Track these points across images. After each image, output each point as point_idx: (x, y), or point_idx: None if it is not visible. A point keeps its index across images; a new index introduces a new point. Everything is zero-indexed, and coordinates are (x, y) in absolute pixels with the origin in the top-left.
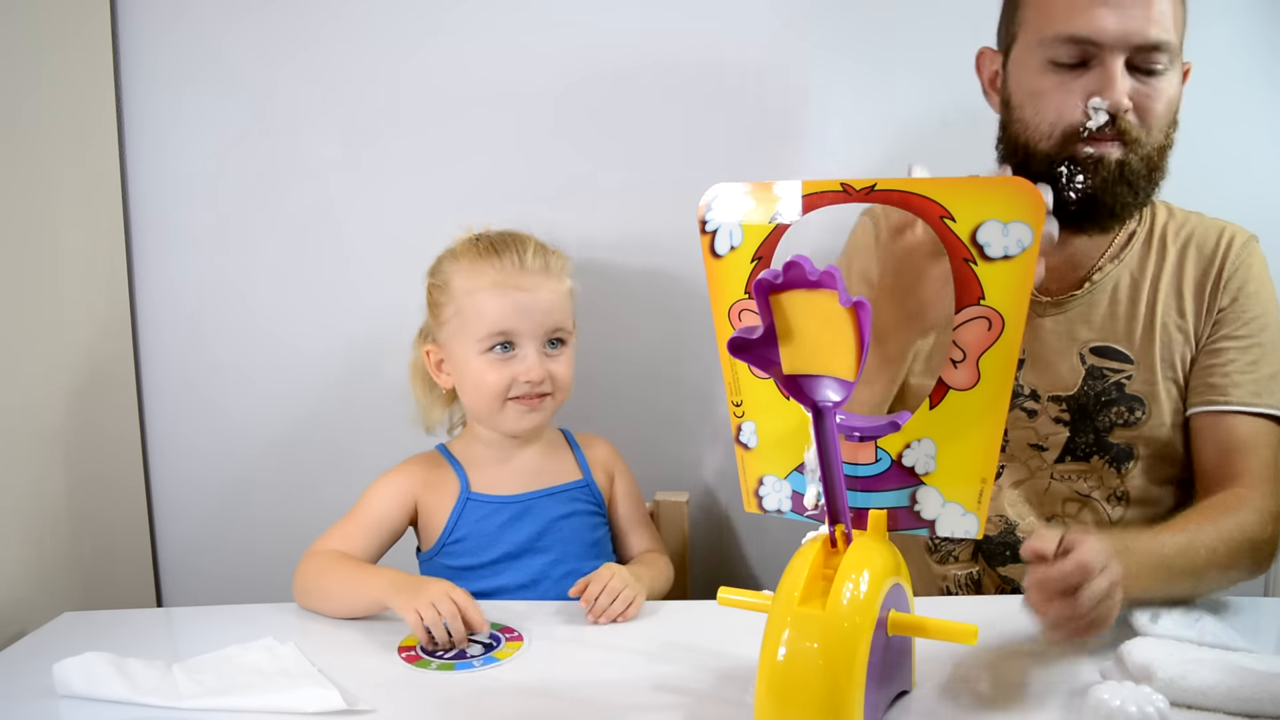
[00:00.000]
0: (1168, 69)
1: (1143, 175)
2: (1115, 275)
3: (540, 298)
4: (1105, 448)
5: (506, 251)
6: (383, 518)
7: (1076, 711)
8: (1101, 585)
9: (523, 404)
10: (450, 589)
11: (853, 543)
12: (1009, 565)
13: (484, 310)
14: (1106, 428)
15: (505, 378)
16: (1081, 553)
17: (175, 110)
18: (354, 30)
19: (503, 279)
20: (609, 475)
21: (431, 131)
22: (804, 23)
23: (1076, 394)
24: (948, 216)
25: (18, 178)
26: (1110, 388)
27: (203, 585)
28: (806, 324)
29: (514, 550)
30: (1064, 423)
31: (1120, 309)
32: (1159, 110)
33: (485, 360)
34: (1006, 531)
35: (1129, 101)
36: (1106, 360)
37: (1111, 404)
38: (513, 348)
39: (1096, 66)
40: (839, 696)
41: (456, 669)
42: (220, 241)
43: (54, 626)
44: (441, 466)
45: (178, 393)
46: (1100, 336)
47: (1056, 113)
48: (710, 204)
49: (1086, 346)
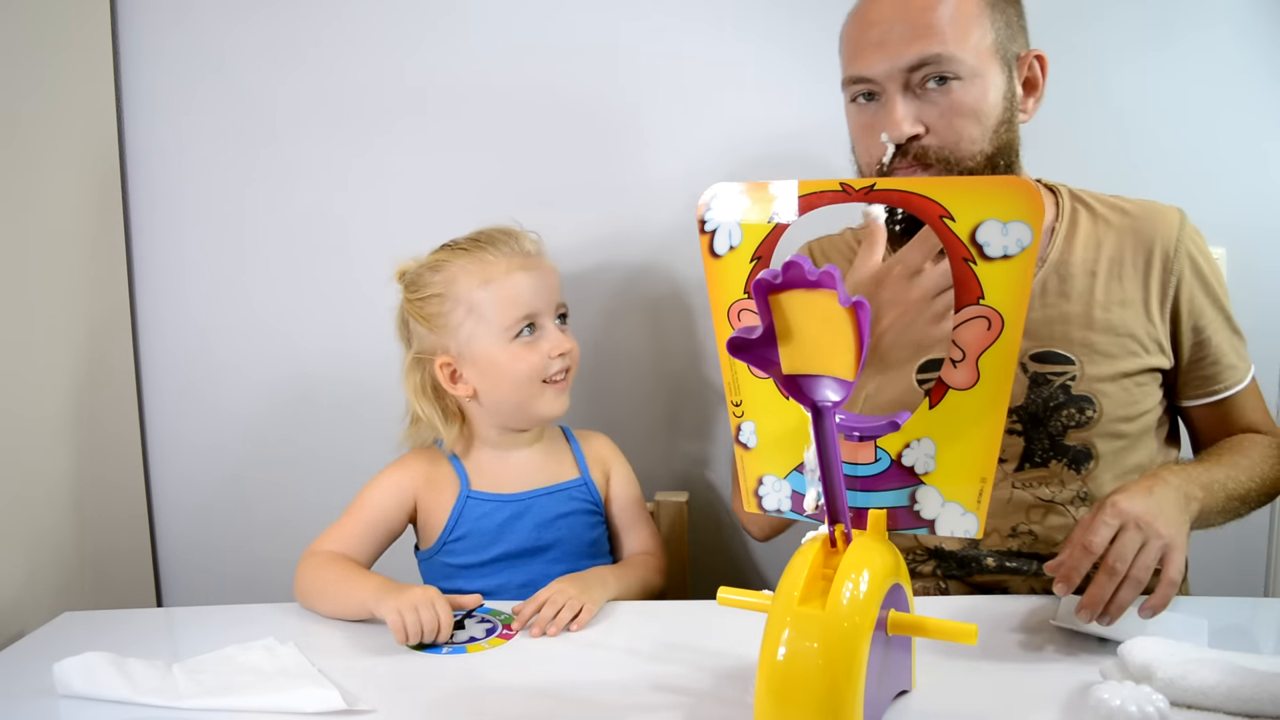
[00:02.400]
0: (961, 76)
1: None
2: (1041, 278)
3: (546, 275)
4: (1062, 451)
5: (503, 241)
6: (383, 516)
7: (1076, 711)
8: (1127, 545)
9: (556, 386)
10: (435, 596)
11: (852, 543)
12: (974, 575)
13: (507, 297)
14: (1060, 431)
15: (538, 360)
16: (1079, 535)
17: (175, 111)
18: (354, 32)
19: (514, 264)
20: (605, 472)
21: (433, 132)
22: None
23: (1025, 404)
24: (947, 216)
25: (18, 178)
26: (1056, 391)
27: (203, 585)
28: (806, 324)
29: (513, 550)
30: (1018, 433)
31: (1053, 311)
32: (961, 123)
33: (514, 349)
34: (969, 545)
35: (912, 128)
36: (1048, 365)
37: (1060, 407)
38: (536, 329)
39: (883, 100)
40: (839, 696)
41: (425, 651)
42: (220, 241)
43: (54, 626)
44: (441, 464)
45: (177, 392)
46: (1037, 343)
47: (867, 152)
48: (709, 204)
49: (1026, 355)
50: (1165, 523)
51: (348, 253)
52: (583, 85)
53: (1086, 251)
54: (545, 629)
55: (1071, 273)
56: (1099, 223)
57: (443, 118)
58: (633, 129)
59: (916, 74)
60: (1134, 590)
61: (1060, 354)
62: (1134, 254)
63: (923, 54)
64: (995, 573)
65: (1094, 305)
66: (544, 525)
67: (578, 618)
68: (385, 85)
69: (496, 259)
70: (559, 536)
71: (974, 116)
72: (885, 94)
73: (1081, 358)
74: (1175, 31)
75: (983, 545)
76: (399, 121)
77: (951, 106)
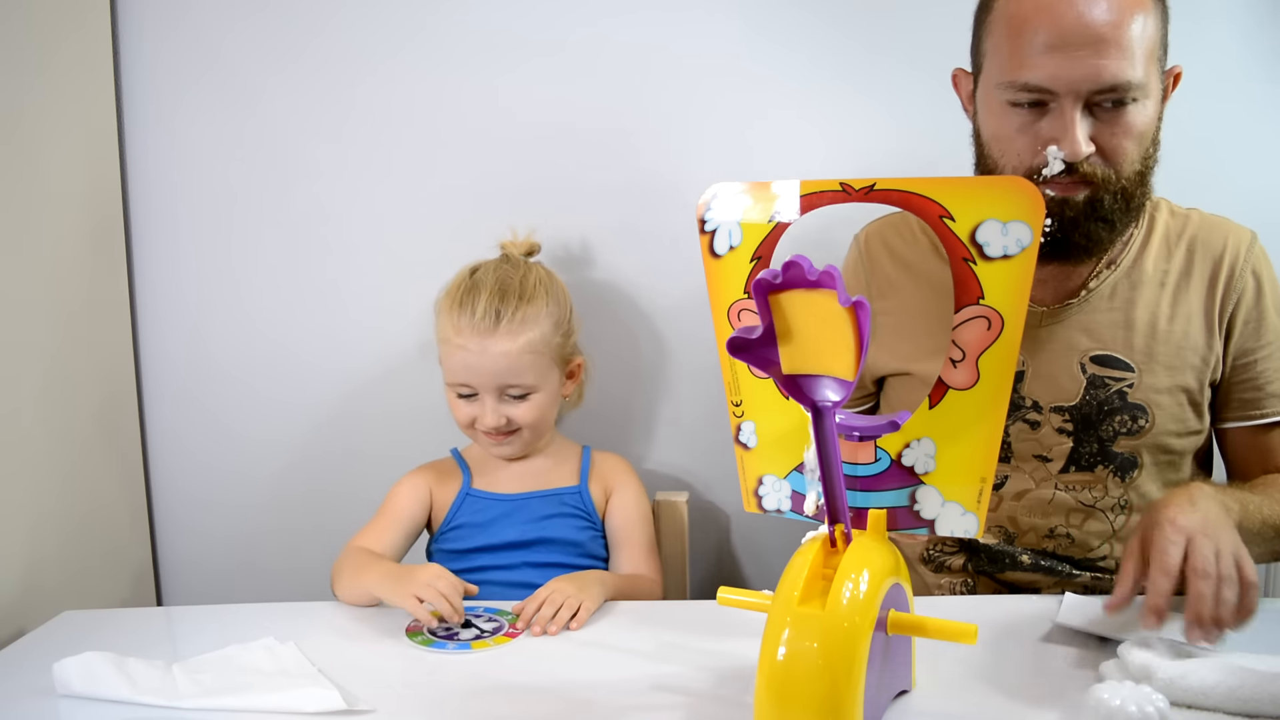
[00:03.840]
0: (1138, 99)
1: (1118, 209)
2: (1112, 282)
3: (486, 361)
4: (1110, 457)
5: (465, 308)
6: (407, 512)
7: (1076, 711)
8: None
9: (490, 438)
10: (440, 572)
11: (852, 542)
12: (1006, 572)
13: (447, 360)
14: (1110, 437)
15: (469, 415)
16: (1155, 562)
17: (176, 112)
18: (355, 31)
19: (456, 335)
20: (607, 488)
21: (433, 133)
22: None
23: (1079, 404)
24: (947, 216)
25: (18, 179)
26: (1112, 396)
27: (203, 585)
28: (806, 324)
29: (500, 543)
30: (1067, 433)
31: (1119, 316)
32: (1127, 146)
33: (455, 398)
34: (1005, 541)
35: (1088, 148)
36: (1108, 369)
37: (1114, 413)
38: (474, 397)
39: (1055, 110)
40: (839, 696)
41: (432, 647)
42: (221, 243)
43: (54, 625)
44: (451, 468)
45: (177, 392)
46: (1100, 345)
47: (1018, 156)
48: (709, 203)
49: (1086, 356)
50: (1223, 528)
51: (347, 252)
52: (582, 85)
53: (1159, 262)
54: (545, 628)
55: (1143, 280)
56: (1172, 233)
57: (443, 118)
58: (634, 129)
59: (1100, 95)
60: (1233, 588)
61: (1120, 359)
62: (1202, 268)
63: (1117, 79)
64: (1029, 571)
65: (1159, 316)
66: (531, 523)
67: (576, 616)
68: (385, 85)
69: (448, 323)
70: (546, 534)
71: (1139, 138)
72: (1061, 108)
73: (1141, 366)
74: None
75: (1019, 542)
76: (399, 122)
77: (1124, 128)
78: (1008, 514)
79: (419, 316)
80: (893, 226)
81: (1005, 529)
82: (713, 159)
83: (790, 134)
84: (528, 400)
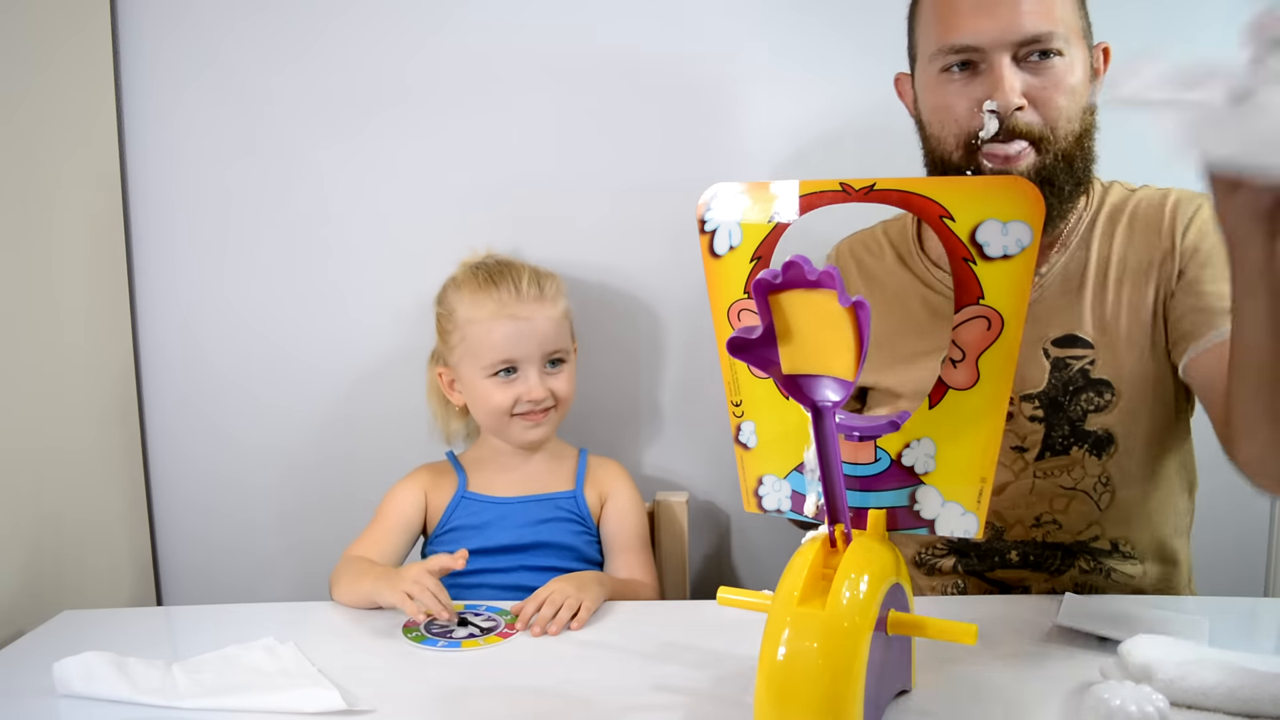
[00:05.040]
0: (1063, 53)
1: (1062, 171)
2: (1063, 264)
3: (537, 325)
4: (1082, 436)
5: (503, 282)
6: (402, 518)
7: (1076, 711)
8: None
9: (527, 419)
10: (421, 572)
11: (852, 542)
12: (996, 570)
13: (486, 339)
14: (1080, 416)
15: (510, 397)
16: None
17: (175, 112)
18: (355, 31)
19: (501, 309)
20: (602, 494)
21: (434, 135)
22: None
23: (1046, 388)
24: (947, 216)
25: (18, 179)
26: (1076, 375)
27: (203, 585)
28: (806, 324)
29: (495, 546)
30: (1039, 420)
31: (1074, 296)
32: (1060, 100)
33: (491, 383)
34: (994, 537)
35: (1020, 99)
36: (1068, 349)
37: (1079, 391)
38: (515, 371)
39: (985, 70)
40: (838, 696)
41: (423, 644)
42: (221, 243)
43: (53, 625)
44: (447, 471)
45: (177, 392)
46: (1059, 328)
47: (956, 122)
48: (709, 203)
49: (1048, 340)
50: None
51: (347, 252)
52: (582, 86)
53: (1104, 237)
54: (546, 628)
55: (1092, 256)
56: (1118, 209)
57: (444, 118)
58: (634, 129)
59: (1025, 48)
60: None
61: (1080, 337)
62: (1146, 234)
63: (1037, 29)
64: (1018, 567)
65: (1109, 289)
66: (527, 527)
67: (577, 615)
68: (385, 85)
69: (488, 300)
70: (541, 538)
71: (1070, 94)
72: (990, 64)
73: (1098, 342)
74: (1174, 31)
75: (1007, 536)
76: (400, 122)
77: (1053, 82)
78: (993, 509)
79: (420, 318)
80: (862, 241)
81: (992, 524)
82: (712, 158)
83: (790, 134)
84: (563, 372)
